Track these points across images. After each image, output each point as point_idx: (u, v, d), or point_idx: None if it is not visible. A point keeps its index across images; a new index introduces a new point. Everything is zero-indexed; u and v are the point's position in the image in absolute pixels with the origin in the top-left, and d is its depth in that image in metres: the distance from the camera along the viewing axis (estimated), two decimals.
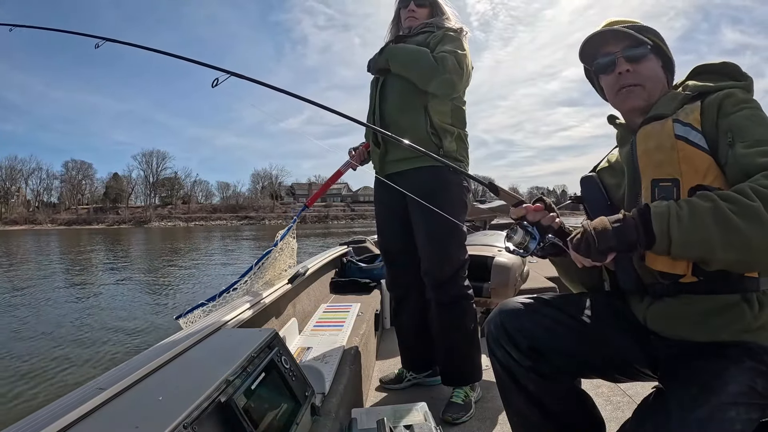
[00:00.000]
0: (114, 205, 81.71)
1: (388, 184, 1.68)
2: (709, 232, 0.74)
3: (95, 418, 0.71)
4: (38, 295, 9.79)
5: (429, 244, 1.74)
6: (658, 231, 0.77)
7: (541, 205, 0.94)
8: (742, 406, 0.75)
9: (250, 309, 1.47)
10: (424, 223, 1.74)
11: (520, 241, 0.92)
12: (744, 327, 0.84)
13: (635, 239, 0.79)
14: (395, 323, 2.05)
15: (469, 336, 1.79)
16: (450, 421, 1.65)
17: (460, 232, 1.77)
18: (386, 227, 1.93)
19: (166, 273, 13.59)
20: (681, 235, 0.76)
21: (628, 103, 1.02)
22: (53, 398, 0.77)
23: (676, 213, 0.76)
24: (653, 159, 0.91)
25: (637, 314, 1.00)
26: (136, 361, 0.92)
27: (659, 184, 0.88)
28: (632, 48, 1.00)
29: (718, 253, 0.75)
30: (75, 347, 5.84)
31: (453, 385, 1.79)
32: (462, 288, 1.79)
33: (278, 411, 0.90)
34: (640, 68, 1.00)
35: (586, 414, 1.09)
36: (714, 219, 0.74)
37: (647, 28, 1.02)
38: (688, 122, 0.89)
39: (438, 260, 1.74)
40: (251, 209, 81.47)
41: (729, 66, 0.97)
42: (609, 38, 1.02)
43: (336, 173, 2.02)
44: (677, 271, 0.86)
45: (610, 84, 1.04)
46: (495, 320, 1.10)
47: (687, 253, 0.78)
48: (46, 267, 15.67)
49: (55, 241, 33.89)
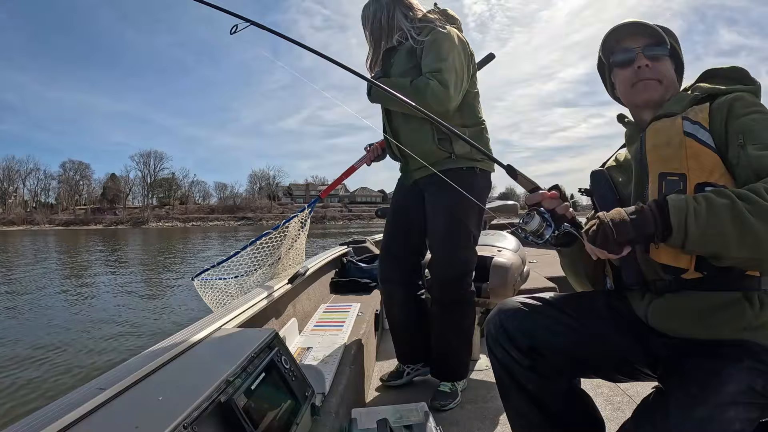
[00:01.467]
0: (111, 206, 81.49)
1: (411, 190, 1.88)
2: (725, 229, 0.74)
3: (95, 418, 0.71)
4: (36, 296, 9.78)
5: (442, 246, 1.80)
6: (675, 224, 0.77)
7: (557, 192, 0.94)
8: (742, 405, 0.75)
9: (250, 309, 1.47)
10: (433, 228, 1.81)
11: (536, 228, 0.91)
12: (745, 325, 0.85)
13: (653, 232, 0.79)
14: (388, 317, 2.11)
15: (463, 337, 1.87)
16: (438, 408, 1.76)
17: (471, 235, 1.82)
18: (398, 228, 1.98)
19: (163, 273, 13.56)
20: (698, 230, 0.75)
21: (644, 95, 1.03)
22: (53, 398, 0.77)
23: (694, 208, 0.76)
24: (662, 154, 0.92)
25: (638, 311, 1.00)
26: (136, 361, 0.92)
27: (667, 177, 0.89)
28: (653, 46, 1.02)
29: (732, 250, 0.75)
30: (74, 347, 5.82)
31: (442, 379, 1.89)
32: (466, 292, 1.83)
33: (278, 411, 0.90)
34: (659, 65, 1.02)
35: (586, 414, 1.09)
36: (731, 217, 0.74)
37: (668, 31, 1.04)
38: (697, 121, 0.91)
39: (448, 262, 1.79)
40: (249, 210, 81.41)
41: (738, 70, 0.99)
42: (632, 32, 1.04)
43: (350, 168, 2.09)
44: (681, 265, 0.86)
45: (627, 77, 1.05)
46: (495, 320, 1.10)
47: (702, 248, 0.78)
48: (44, 267, 15.62)
49: (52, 242, 33.81)
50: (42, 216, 75.21)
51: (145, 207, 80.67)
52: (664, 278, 0.92)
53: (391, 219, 2.01)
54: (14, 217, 73.01)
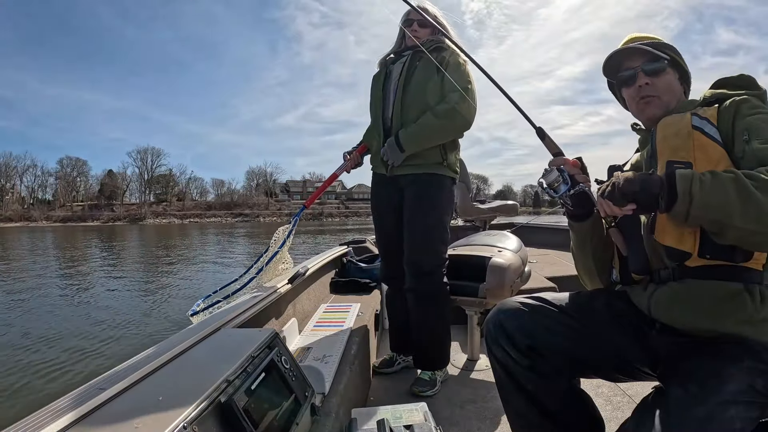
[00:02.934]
0: (109, 202, 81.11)
1: (391, 183, 1.97)
2: (729, 197, 0.77)
3: (95, 418, 0.71)
4: (34, 293, 9.74)
5: (415, 238, 1.90)
6: (681, 190, 0.80)
7: (578, 162, 1.03)
8: (742, 404, 0.75)
9: (250, 309, 1.47)
10: (415, 218, 1.91)
11: (552, 180, 1.00)
12: (746, 318, 0.86)
13: (658, 192, 0.82)
14: (389, 309, 2.22)
15: (439, 328, 1.96)
16: (416, 393, 1.86)
17: (445, 232, 1.94)
18: (384, 221, 2.06)
19: (160, 270, 13.54)
20: (702, 196, 0.78)
21: (647, 112, 1.10)
22: (53, 398, 0.77)
23: (699, 178, 0.80)
24: (670, 144, 0.97)
25: (641, 304, 1.01)
26: (136, 361, 0.92)
27: (674, 165, 0.92)
28: (651, 62, 1.08)
29: (736, 219, 0.77)
30: (74, 346, 5.80)
31: (422, 368, 1.98)
32: (440, 284, 1.94)
33: (278, 411, 0.90)
34: (657, 81, 1.08)
35: (586, 413, 1.10)
36: (735, 187, 0.77)
37: (665, 44, 1.10)
38: (705, 117, 0.96)
39: (421, 253, 1.90)
40: (246, 206, 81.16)
41: (745, 78, 1.04)
42: (630, 54, 1.11)
43: (332, 176, 2.18)
44: (685, 248, 0.90)
45: (632, 95, 1.12)
46: (494, 320, 1.11)
47: (706, 215, 0.80)
48: (42, 264, 15.59)
49: (50, 239, 33.71)
50: (39, 213, 74.79)
51: (142, 203, 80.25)
52: (669, 266, 0.95)
53: (378, 212, 2.09)
54: (11, 213, 72.63)
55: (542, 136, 1.09)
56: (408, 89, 1.90)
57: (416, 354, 2.03)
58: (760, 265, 0.87)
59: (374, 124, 2.03)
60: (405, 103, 1.90)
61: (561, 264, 3.55)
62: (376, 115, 2.00)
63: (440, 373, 1.98)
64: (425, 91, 1.86)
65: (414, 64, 1.92)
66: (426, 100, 1.86)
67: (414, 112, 1.87)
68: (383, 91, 1.99)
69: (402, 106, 1.90)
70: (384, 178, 2.01)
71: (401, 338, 2.14)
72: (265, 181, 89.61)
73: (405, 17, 1.96)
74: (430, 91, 1.86)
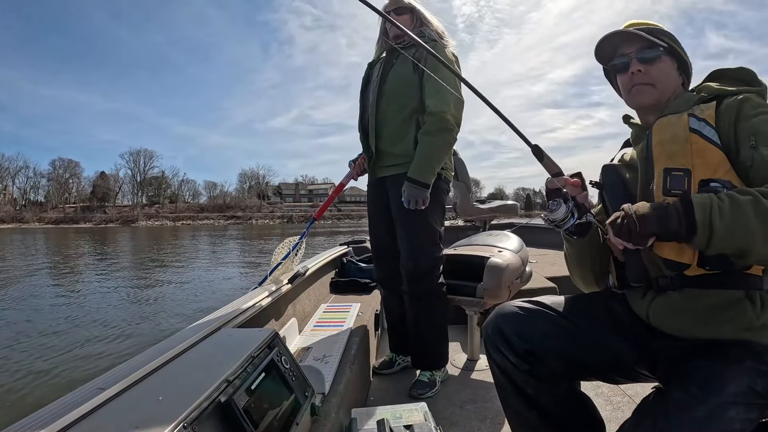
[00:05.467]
0: (101, 204, 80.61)
1: (379, 185, 1.95)
2: (750, 224, 0.74)
3: (95, 418, 0.70)
4: (30, 295, 9.65)
5: (408, 241, 1.88)
6: (700, 221, 0.76)
7: (578, 180, 0.96)
8: (742, 405, 0.75)
9: (250, 309, 1.46)
10: (405, 221, 1.87)
11: (562, 216, 0.93)
12: (746, 325, 0.85)
13: (676, 229, 0.78)
14: (386, 310, 2.21)
15: (437, 328, 1.94)
16: (416, 396, 1.84)
17: (437, 232, 1.92)
18: (378, 224, 2.05)
19: (153, 273, 13.44)
20: (723, 225, 0.75)
21: (637, 100, 1.06)
22: (53, 398, 0.76)
23: (718, 205, 0.76)
24: (667, 149, 0.92)
25: (639, 311, 1.00)
26: (136, 361, 0.92)
27: (672, 173, 0.89)
28: (645, 50, 1.03)
29: (758, 246, 0.75)
30: (72, 346, 5.76)
31: (421, 369, 1.97)
32: (435, 285, 1.92)
33: (278, 411, 0.90)
34: (652, 69, 1.03)
35: (586, 415, 1.09)
36: (755, 212, 0.74)
37: (662, 31, 1.05)
38: (702, 118, 0.91)
39: (415, 256, 1.87)
40: (238, 209, 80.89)
41: (745, 71, 0.99)
42: (624, 40, 1.06)
43: (339, 185, 2.20)
44: (684, 260, 0.86)
45: (624, 83, 1.08)
46: (492, 324, 1.10)
47: (728, 245, 0.78)
48: (34, 266, 15.42)
49: (42, 240, 33.40)
50: (32, 214, 74.23)
51: (134, 205, 79.87)
52: (667, 275, 0.92)
53: (372, 214, 2.08)
54: (4, 215, 71.91)
55: (540, 157, 0.97)
56: (383, 89, 1.89)
57: (414, 354, 2.03)
58: (760, 271, 0.85)
59: (359, 127, 2.03)
60: (380, 105, 1.89)
61: (561, 264, 3.54)
62: (360, 119, 2.01)
63: (440, 373, 1.97)
64: (400, 88, 1.84)
65: (391, 61, 1.91)
66: (400, 98, 1.84)
67: (390, 112, 1.86)
68: (365, 92, 2.00)
69: (377, 108, 1.89)
70: (373, 180, 2.02)
71: (400, 339, 2.14)
72: (258, 184, 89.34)
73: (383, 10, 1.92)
74: (405, 87, 1.83)
